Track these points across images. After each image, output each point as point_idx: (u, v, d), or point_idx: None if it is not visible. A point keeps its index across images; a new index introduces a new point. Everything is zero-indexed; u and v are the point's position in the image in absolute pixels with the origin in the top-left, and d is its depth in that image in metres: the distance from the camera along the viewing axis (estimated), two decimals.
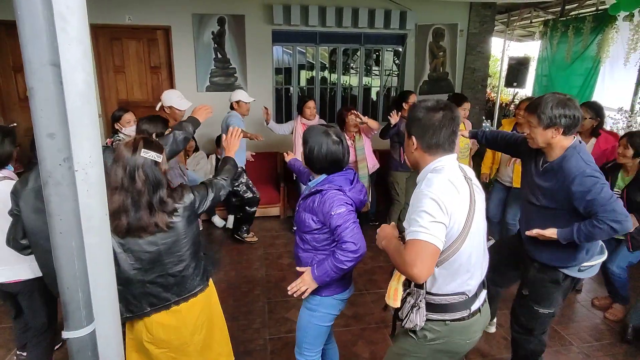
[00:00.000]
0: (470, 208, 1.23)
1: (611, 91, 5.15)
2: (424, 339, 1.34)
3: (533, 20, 6.83)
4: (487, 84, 6.14)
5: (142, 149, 1.36)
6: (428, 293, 1.30)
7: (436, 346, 1.35)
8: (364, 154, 3.68)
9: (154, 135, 2.31)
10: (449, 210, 1.18)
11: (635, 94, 4.99)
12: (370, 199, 3.86)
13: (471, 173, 1.35)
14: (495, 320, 2.54)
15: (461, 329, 1.32)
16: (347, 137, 3.60)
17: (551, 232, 1.70)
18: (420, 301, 1.28)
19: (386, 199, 4.13)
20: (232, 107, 3.70)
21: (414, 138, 1.31)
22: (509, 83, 6.38)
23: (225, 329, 1.76)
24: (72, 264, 0.87)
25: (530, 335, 1.97)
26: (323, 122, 3.88)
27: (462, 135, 2.33)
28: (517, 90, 6.79)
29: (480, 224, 1.30)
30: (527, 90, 6.89)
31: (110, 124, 2.88)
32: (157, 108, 3.07)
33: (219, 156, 4.28)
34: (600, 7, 5.58)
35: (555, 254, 1.78)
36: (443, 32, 5.47)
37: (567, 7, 6.10)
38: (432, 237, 1.13)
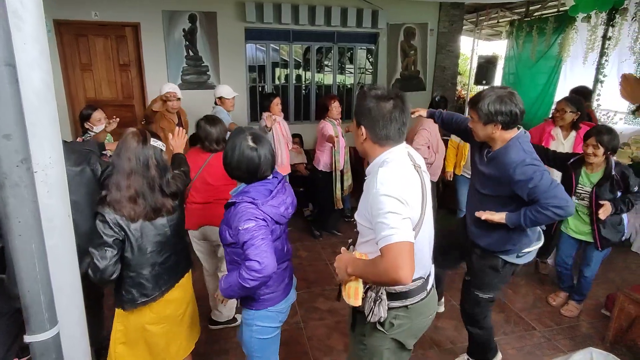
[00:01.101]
0: (423, 195, 1.25)
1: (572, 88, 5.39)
2: (390, 327, 1.36)
3: (500, 20, 7.08)
4: (457, 81, 6.32)
5: (152, 139, 1.49)
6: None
7: (404, 331, 1.38)
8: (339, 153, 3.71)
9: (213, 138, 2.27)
10: (408, 202, 1.17)
11: (594, 91, 5.26)
12: (342, 195, 3.87)
13: (420, 160, 1.34)
14: (443, 300, 2.63)
15: (421, 309, 1.37)
16: (336, 124, 3.65)
17: (500, 217, 1.73)
18: (382, 294, 1.28)
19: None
20: (216, 103, 3.67)
21: (363, 128, 1.27)
22: (478, 81, 6.59)
23: (196, 302, 1.86)
24: (32, 267, 0.85)
25: (474, 322, 2.05)
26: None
27: (420, 115, 2.29)
28: (485, 88, 7.01)
29: (430, 211, 1.32)
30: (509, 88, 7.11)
31: (80, 123, 2.79)
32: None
33: None
34: (561, 9, 5.85)
35: (496, 240, 1.82)
36: (414, 31, 5.59)
37: (531, 8, 6.36)
38: (404, 235, 1.11)
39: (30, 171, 0.85)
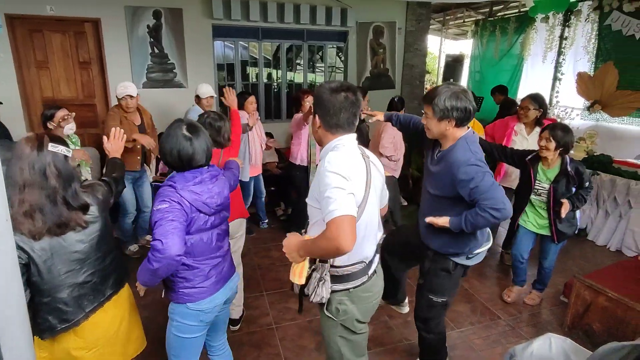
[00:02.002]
0: (367, 180, 1.35)
1: (533, 86, 5.64)
2: (337, 313, 1.44)
3: (466, 20, 7.29)
4: (424, 79, 6.45)
5: (50, 144, 1.30)
6: (332, 266, 1.39)
7: (350, 316, 1.45)
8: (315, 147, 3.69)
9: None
10: (351, 179, 1.27)
11: (553, 88, 5.51)
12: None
13: (370, 153, 1.47)
14: (406, 300, 2.60)
15: (363, 293, 1.45)
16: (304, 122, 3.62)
17: (444, 221, 1.74)
18: (326, 275, 1.37)
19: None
20: (196, 101, 3.58)
21: (317, 117, 1.39)
22: (445, 79, 6.76)
23: (137, 313, 1.71)
24: None
25: (428, 327, 2.03)
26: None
27: (377, 118, 2.34)
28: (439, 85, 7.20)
29: (375, 197, 1.42)
30: (462, 86, 7.32)
31: (42, 124, 2.64)
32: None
33: None
34: (522, 9, 6.08)
35: (446, 242, 1.83)
36: (382, 29, 5.66)
37: (494, 9, 6.58)
38: (347, 209, 1.19)
39: None
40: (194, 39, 4.83)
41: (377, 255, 1.55)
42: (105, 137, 1.78)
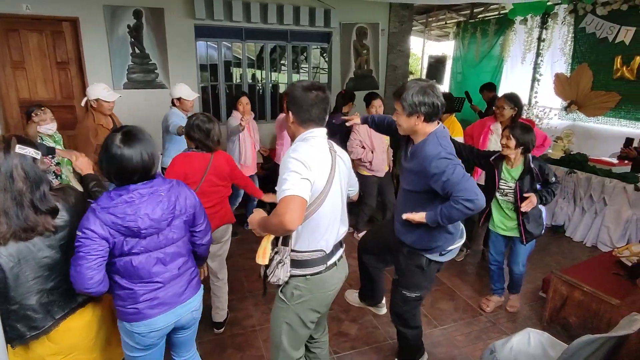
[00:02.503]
0: (331, 172, 1.44)
1: (512, 86, 5.77)
2: (291, 297, 1.51)
3: (448, 22, 7.41)
4: (408, 80, 6.52)
5: (17, 146, 1.27)
6: (292, 250, 1.46)
7: (304, 304, 1.51)
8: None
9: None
10: (312, 168, 1.36)
11: (531, 89, 5.66)
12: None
13: (338, 148, 1.56)
14: (383, 301, 2.57)
15: (320, 282, 1.51)
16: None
17: (420, 216, 1.75)
18: (286, 258, 1.45)
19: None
20: (173, 104, 3.39)
21: (291, 113, 1.48)
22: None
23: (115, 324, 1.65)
24: None
25: (404, 321, 2.06)
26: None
27: (354, 122, 2.37)
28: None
29: (338, 190, 1.50)
30: (444, 86, 7.46)
31: (24, 122, 2.64)
32: (82, 103, 3.00)
33: None
34: (501, 12, 6.22)
35: (419, 237, 1.84)
36: (366, 31, 5.70)
37: (475, 11, 6.71)
38: (298, 190, 1.29)
39: None
40: (176, 39, 4.77)
41: (341, 250, 1.62)
42: (73, 156, 1.78)
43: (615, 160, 3.96)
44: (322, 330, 1.83)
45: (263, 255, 1.47)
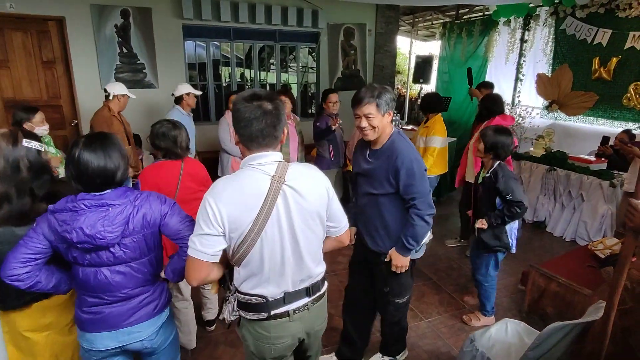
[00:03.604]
0: (262, 210, 1.16)
1: (496, 86, 5.89)
2: (244, 339, 1.36)
3: (434, 22, 7.52)
4: (394, 80, 6.63)
5: (24, 139, 1.39)
6: (237, 291, 1.30)
7: (248, 347, 1.36)
8: (288, 147, 3.70)
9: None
10: (224, 215, 1.14)
11: (515, 88, 5.80)
12: None
13: (298, 175, 1.22)
14: None
15: (261, 329, 1.30)
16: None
17: (396, 257, 1.85)
18: (232, 296, 1.32)
19: None
20: (176, 102, 3.53)
21: (234, 131, 1.23)
22: (416, 79, 6.95)
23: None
24: None
25: (396, 323, 2.14)
26: None
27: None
28: (422, 86, 7.42)
29: (281, 232, 1.21)
30: (431, 85, 7.58)
31: (14, 123, 2.57)
32: (107, 98, 3.24)
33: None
34: (486, 13, 6.36)
35: (395, 241, 1.87)
36: (353, 31, 5.78)
37: (460, 12, 6.83)
38: (197, 252, 1.16)
39: None
40: (164, 38, 4.79)
41: (303, 300, 1.33)
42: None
43: (592, 158, 4.12)
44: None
45: (213, 288, 1.48)
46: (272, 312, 1.28)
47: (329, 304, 1.50)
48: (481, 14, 6.56)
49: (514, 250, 2.45)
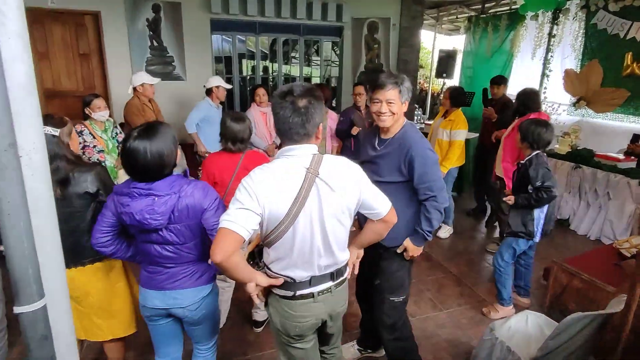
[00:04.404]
0: (297, 200, 1.22)
1: (522, 82, 5.80)
2: (271, 316, 1.43)
3: (459, 16, 7.42)
4: (417, 75, 6.59)
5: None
6: (267, 267, 1.37)
7: (275, 323, 1.43)
8: (325, 140, 3.77)
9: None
10: (260, 197, 1.19)
11: (541, 84, 5.69)
12: None
13: (331, 168, 1.27)
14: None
15: (287, 307, 1.37)
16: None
17: (408, 245, 1.80)
18: (261, 270, 1.38)
19: None
20: (207, 94, 3.64)
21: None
22: (439, 74, 6.90)
23: (127, 301, 1.87)
24: (21, 243, 0.94)
25: (396, 332, 1.96)
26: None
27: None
28: (445, 81, 7.35)
29: (313, 220, 1.26)
30: (454, 80, 7.50)
31: (81, 108, 2.95)
32: (129, 91, 3.45)
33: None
34: (513, 7, 6.23)
35: (397, 235, 1.78)
36: (377, 25, 5.78)
37: (486, 5, 6.72)
38: (234, 224, 1.15)
39: (16, 155, 0.92)
40: (193, 32, 4.93)
41: (327, 284, 1.40)
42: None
43: (621, 156, 4.02)
44: (331, 344, 1.67)
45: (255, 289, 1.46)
46: (298, 293, 1.36)
47: (349, 291, 1.57)
48: (507, 7, 6.43)
49: (537, 239, 2.50)
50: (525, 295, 2.89)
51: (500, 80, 4.25)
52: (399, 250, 1.85)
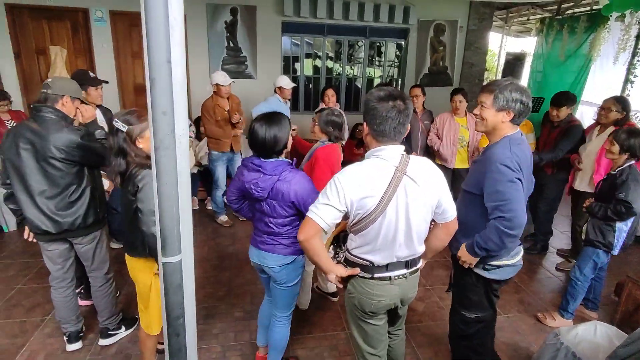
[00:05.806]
0: (386, 194, 1.35)
1: (600, 88, 5.45)
2: (349, 292, 1.59)
3: (530, 17, 7.08)
4: (483, 78, 6.42)
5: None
6: (348, 251, 1.56)
7: (353, 299, 1.58)
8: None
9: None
10: (348, 194, 1.35)
11: (623, 91, 5.30)
12: None
13: (417, 167, 1.39)
14: None
15: (365, 286, 1.53)
16: None
17: (463, 254, 1.74)
18: (339, 256, 1.62)
19: None
20: (275, 91, 4.08)
21: (365, 124, 1.42)
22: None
23: (158, 303, 1.86)
24: (171, 207, 1.18)
25: (468, 345, 1.92)
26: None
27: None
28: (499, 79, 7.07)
29: (398, 213, 1.39)
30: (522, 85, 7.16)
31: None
32: (208, 88, 3.86)
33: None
34: (594, 8, 5.85)
35: (459, 246, 1.77)
36: (444, 27, 5.74)
37: (563, 6, 6.36)
38: (317, 217, 1.38)
39: (174, 139, 1.17)
40: (265, 34, 5.25)
41: (404, 270, 1.53)
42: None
43: None
44: (397, 326, 1.81)
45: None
46: (376, 275, 1.51)
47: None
48: (588, 8, 6.04)
49: (616, 252, 2.43)
50: (593, 309, 2.80)
51: (563, 101, 3.24)
52: (454, 253, 1.81)
